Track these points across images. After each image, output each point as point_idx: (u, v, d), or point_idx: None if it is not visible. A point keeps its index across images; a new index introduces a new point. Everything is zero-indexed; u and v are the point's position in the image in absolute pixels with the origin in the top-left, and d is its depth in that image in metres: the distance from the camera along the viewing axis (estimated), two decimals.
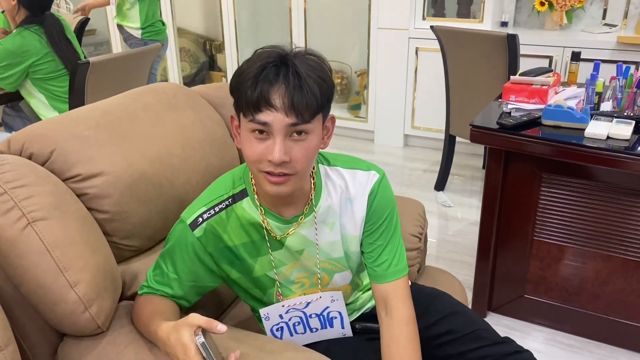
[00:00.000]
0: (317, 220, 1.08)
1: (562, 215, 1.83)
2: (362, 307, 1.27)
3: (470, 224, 2.81)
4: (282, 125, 0.90)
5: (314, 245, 1.10)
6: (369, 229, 1.11)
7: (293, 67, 0.90)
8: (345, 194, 1.09)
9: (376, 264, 1.12)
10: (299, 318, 1.15)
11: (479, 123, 1.80)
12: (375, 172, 1.11)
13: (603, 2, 3.37)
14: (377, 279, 1.12)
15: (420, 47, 3.53)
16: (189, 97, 1.46)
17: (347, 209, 1.09)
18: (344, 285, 1.18)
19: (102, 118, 1.23)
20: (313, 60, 0.94)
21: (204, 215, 1.07)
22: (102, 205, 1.14)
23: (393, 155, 3.75)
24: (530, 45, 3.13)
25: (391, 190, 1.13)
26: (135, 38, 3.31)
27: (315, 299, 1.12)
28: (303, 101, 0.89)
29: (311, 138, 0.94)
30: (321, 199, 1.08)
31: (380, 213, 1.10)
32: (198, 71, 4.95)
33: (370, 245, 1.12)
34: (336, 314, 1.15)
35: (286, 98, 0.89)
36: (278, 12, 4.22)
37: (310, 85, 0.90)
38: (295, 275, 1.13)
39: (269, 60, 0.91)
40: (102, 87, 2.30)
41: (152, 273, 1.12)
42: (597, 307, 1.89)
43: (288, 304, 1.12)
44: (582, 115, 1.69)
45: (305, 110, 0.90)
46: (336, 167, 1.11)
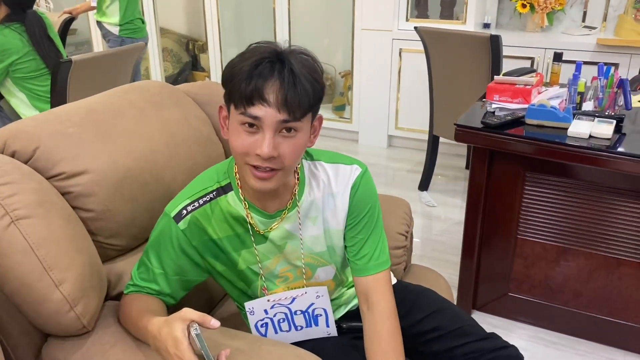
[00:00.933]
0: (300, 214, 1.09)
1: (545, 213, 1.86)
2: (347, 302, 1.27)
3: (454, 223, 2.83)
4: (274, 121, 0.91)
5: (297, 239, 1.10)
6: (351, 222, 1.12)
7: (288, 64, 0.91)
8: (328, 188, 1.10)
9: (358, 257, 1.13)
10: (284, 314, 1.14)
11: (463, 122, 1.82)
12: (358, 166, 1.12)
13: (583, 4, 3.43)
14: (358, 272, 1.13)
15: (403, 48, 3.55)
16: (174, 95, 1.45)
17: (330, 203, 1.10)
18: (327, 280, 1.18)
19: (87, 115, 1.22)
20: (307, 59, 0.95)
21: (188, 207, 1.06)
22: (87, 203, 1.12)
23: (377, 156, 3.76)
24: (512, 46, 3.16)
25: (373, 184, 1.14)
26: (113, 35, 3.29)
27: (301, 294, 1.12)
28: (296, 99, 0.90)
29: (300, 135, 0.95)
30: (304, 193, 1.09)
31: (362, 206, 1.11)
32: (181, 71, 4.92)
33: (352, 238, 1.13)
34: (321, 311, 1.15)
35: (280, 94, 0.89)
36: (262, 12, 4.21)
37: (304, 83, 0.91)
38: (279, 269, 1.13)
39: (265, 56, 0.91)
40: (85, 86, 2.27)
41: (136, 271, 1.11)
42: (580, 304, 1.92)
43: (273, 298, 1.12)
44: (564, 114, 1.71)
45: (298, 108, 0.91)
46: (319, 161, 1.12)
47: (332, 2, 4.26)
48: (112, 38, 3.30)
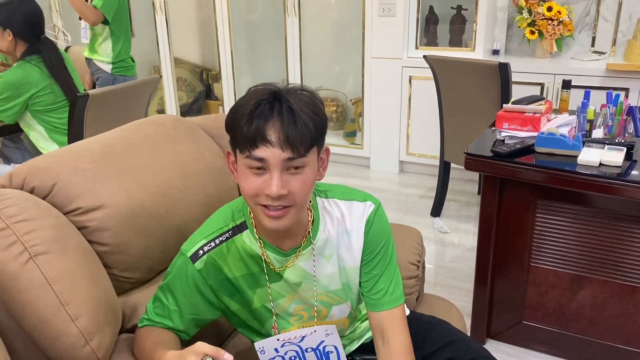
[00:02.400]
0: (315, 252, 1.09)
1: (557, 241, 1.85)
2: (361, 336, 1.27)
3: (467, 249, 2.82)
4: (279, 160, 0.92)
5: (311, 277, 1.11)
6: (366, 258, 1.12)
7: (286, 102, 0.92)
8: (343, 225, 1.10)
9: (372, 292, 1.13)
10: (295, 352, 1.14)
11: (473, 151, 1.83)
12: (371, 203, 1.12)
13: (592, 30, 3.45)
14: (373, 307, 1.13)
15: (413, 76, 3.59)
16: (188, 129, 1.48)
17: (344, 240, 1.11)
18: (342, 318, 1.19)
19: (103, 151, 1.25)
20: (305, 95, 0.97)
21: (205, 247, 1.08)
22: (102, 237, 1.15)
23: (389, 182, 3.77)
24: (521, 72, 3.19)
25: (387, 220, 1.15)
26: (105, 72, 3.33)
27: (310, 332, 1.12)
28: (298, 136, 0.91)
29: (307, 171, 0.96)
30: (319, 231, 1.09)
31: (377, 242, 1.11)
32: (195, 100, 5.00)
33: (367, 274, 1.13)
34: (332, 348, 1.15)
35: (281, 133, 0.91)
36: (274, 41, 4.29)
37: (304, 119, 0.92)
38: (293, 307, 1.14)
39: (263, 97, 0.93)
40: (101, 118, 2.33)
41: (152, 306, 1.13)
42: (595, 332, 1.89)
43: (283, 337, 1.11)
44: (574, 142, 1.72)
45: (300, 144, 0.92)
46: (333, 199, 1.12)
47: (342, 31, 4.33)
48: (104, 76, 3.33)
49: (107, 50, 3.30)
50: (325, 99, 4.39)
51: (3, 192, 1.06)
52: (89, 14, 3.15)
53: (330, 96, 4.40)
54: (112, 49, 3.30)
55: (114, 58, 3.31)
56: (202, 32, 4.99)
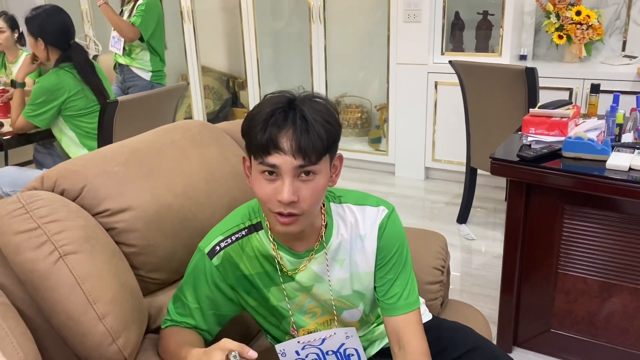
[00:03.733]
0: (328, 256, 1.10)
1: (586, 247, 1.81)
2: (382, 337, 1.27)
3: (494, 257, 2.79)
4: (290, 167, 0.94)
5: (325, 282, 1.12)
6: (380, 263, 1.12)
7: (300, 111, 0.94)
8: (356, 230, 1.11)
9: (387, 297, 1.13)
10: (315, 355, 1.15)
11: (500, 156, 1.81)
12: (384, 208, 1.13)
13: (622, 34, 3.39)
14: (387, 312, 1.13)
15: (439, 81, 3.57)
16: (213, 134, 1.50)
17: (358, 245, 1.11)
18: (353, 322, 1.19)
19: (131, 155, 1.28)
20: (319, 103, 0.98)
21: (221, 243, 1.10)
22: (130, 239, 1.18)
23: (414, 188, 3.75)
24: (549, 77, 3.14)
25: (400, 224, 1.15)
26: (143, 80, 3.44)
27: (330, 335, 1.12)
28: (310, 144, 0.93)
29: (319, 178, 0.97)
30: (332, 235, 1.10)
31: (390, 247, 1.11)
32: (221, 108, 5.07)
33: (381, 279, 1.13)
34: (352, 351, 1.15)
35: (294, 141, 0.93)
36: (299, 49, 4.33)
37: (317, 128, 0.94)
38: (307, 306, 1.15)
39: (278, 106, 0.95)
40: (130, 124, 2.38)
41: (172, 306, 1.15)
42: (626, 341, 1.84)
43: (303, 340, 1.12)
44: (603, 146, 1.69)
45: (312, 152, 0.93)
46: (347, 204, 1.13)
47: (367, 38, 4.34)
48: (141, 84, 3.44)
49: (145, 59, 3.41)
50: (349, 105, 4.40)
51: (35, 193, 1.09)
52: (127, 31, 3.25)
53: (355, 102, 4.41)
54: (149, 59, 3.41)
55: (154, 67, 3.41)
56: (229, 40, 5.06)
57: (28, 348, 0.91)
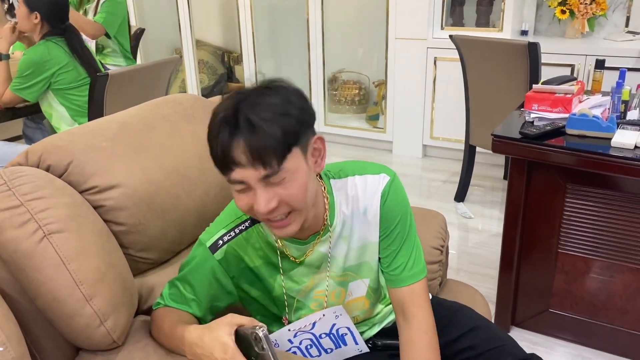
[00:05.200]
0: (333, 236, 1.06)
1: (587, 227, 1.78)
2: (382, 320, 1.24)
3: (492, 235, 2.76)
4: (256, 179, 0.87)
5: (331, 258, 1.08)
6: (383, 233, 1.08)
7: (246, 116, 0.84)
8: (356, 202, 1.06)
9: (391, 268, 1.09)
10: (309, 340, 1.12)
11: (501, 133, 1.76)
12: (386, 175, 1.07)
13: (626, 9, 3.31)
14: (392, 283, 1.10)
15: (438, 57, 3.50)
16: (207, 108, 1.44)
17: (361, 218, 1.07)
18: (361, 297, 1.15)
19: (120, 129, 1.23)
20: (270, 96, 0.87)
21: (225, 237, 1.05)
22: (119, 217, 1.13)
23: (412, 166, 3.71)
24: (551, 53, 3.08)
25: (403, 192, 1.09)
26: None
27: (319, 317, 1.09)
28: (265, 149, 0.84)
29: (294, 177, 0.89)
30: (335, 215, 1.06)
31: (393, 216, 1.07)
32: (216, 83, 4.98)
33: (385, 250, 1.09)
34: (345, 330, 1.12)
35: (247, 152, 0.84)
36: (296, 23, 4.23)
37: (269, 131, 0.84)
38: (313, 292, 1.11)
39: (225, 113, 0.86)
40: (121, 99, 2.32)
41: (168, 291, 1.10)
42: (625, 322, 1.83)
43: (293, 327, 1.09)
44: (608, 124, 1.64)
45: (272, 157, 0.85)
46: (347, 177, 1.08)
47: (366, 12, 4.24)
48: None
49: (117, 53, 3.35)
50: (347, 81, 4.33)
51: (18, 169, 1.04)
52: (87, 28, 3.13)
53: (353, 79, 4.33)
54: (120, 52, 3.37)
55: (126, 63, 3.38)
56: (224, 14, 4.95)
57: (10, 330, 0.87)
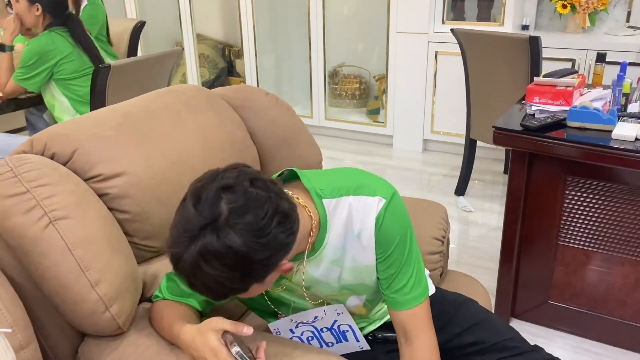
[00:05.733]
0: (323, 259, 1.02)
1: (588, 219, 1.79)
2: (382, 317, 1.24)
3: (492, 229, 2.77)
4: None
5: (321, 283, 1.06)
6: (380, 257, 1.03)
7: (186, 271, 0.83)
8: (349, 225, 1.01)
9: (389, 291, 1.05)
10: (311, 332, 1.12)
11: (502, 125, 1.77)
12: (381, 198, 0.99)
13: (627, 4, 3.32)
14: (392, 306, 1.06)
15: (439, 51, 3.50)
16: (209, 99, 1.45)
17: (354, 242, 1.02)
18: (358, 306, 1.15)
19: (124, 118, 1.23)
20: (216, 249, 0.80)
21: None
22: (123, 205, 1.14)
23: (412, 160, 3.71)
24: (552, 48, 3.08)
25: (402, 212, 1.02)
26: None
27: (321, 313, 1.09)
28: (214, 291, 0.85)
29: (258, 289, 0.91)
30: (326, 236, 1.00)
31: (390, 240, 1.01)
32: (217, 77, 4.98)
33: (383, 272, 1.05)
34: (346, 327, 1.12)
35: (196, 288, 0.86)
36: (297, 17, 4.23)
37: (223, 275, 0.81)
38: (308, 298, 1.10)
39: (180, 242, 0.83)
40: (123, 90, 2.32)
41: (166, 284, 1.09)
42: (625, 314, 1.84)
43: (295, 318, 1.09)
44: (609, 116, 1.65)
45: (220, 296, 0.86)
46: (342, 197, 1.01)
47: (367, 6, 4.24)
48: None
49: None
50: (348, 75, 4.33)
51: (23, 157, 1.05)
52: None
53: (354, 73, 4.34)
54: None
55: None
56: (225, 7, 4.95)
57: (17, 314, 0.88)
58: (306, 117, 4.15)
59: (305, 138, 1.61)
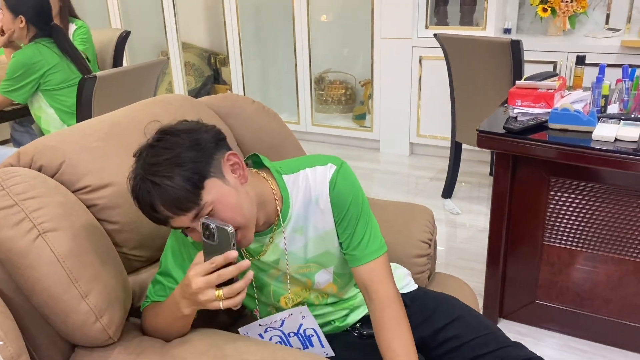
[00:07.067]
0: (288, 230, 1.10)
1: (571, 219, 1.82)
2: (362, 303, 1.26)
3: (479, 230, 2.80)
4: (189, 221, 0.95)
5: (287, 253, 1.12)
6: (337, 218, 1.12)
7: (148, 181, 0.93)
8: (308, 194, 1.11)
9: (349, 249, 1.13)
10: (279, 337, 1.16)
11: (486, 128, 1.80)
12: (332, 164, 1.12)
13: (606, 7, 3.38)
14: (352, 262, 1.13)
15: (423, 56, 3.54)
16: (195, 108, 1.47)
17: (314, 209, 1.11)
18: (328, 284, 1.19)
19: (111, 129, 1.24)
20: (161, 153, 0.94)
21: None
22: (112, 215, 1.14)
23: (399, 164, 3.74)
24: (534, 51, 3.13)
25: (352, 177, 1.13)
26: None
27: (287, 315, 1.13)
28: (178, 201, 0.92)
29: (222, 203, 0.96)
30: (289, 208, 1.10)
31: (343, 201, 1.11)
32: (203, 85, 4.98)
33: (342, 234, 1.13)
34: (311, 331, 1.15)
35: (166, 210, 0.93)
36: (282, 24, 4.25)
37: (171, 184, 0.91)
38: (281, 276, 1.15)
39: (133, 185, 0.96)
40: (109, 101, 2.32)
41: (152, 289, 1.13)
42: (610, 311, 1.87)
43: (264, 322, 1.13)
44: (589, 118, 1.68)
45: (187, 202, 0.93)
46: (299, 171, 1.12)
47: (351, 12, 4.27)
48: None
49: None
50: (333, 81, 4.36)
51: (11, 169, 1.05)
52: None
53: (339, 78, 4.36)
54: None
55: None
56: (210, 15, 4.96)
57: (7, 326, 0.88)
58: (293, 123, 4.17)
59: (292, 144, 1.63)
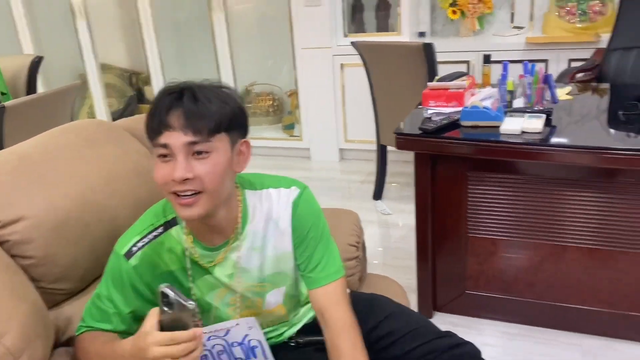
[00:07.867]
0: (244, 247, 1.10)
1: (491, 210, 1.91)
2: (300, 320, 1.28)
3: (411, 229, 2.84)
4: (181, 144, 0.94)
5: (243, 271, 1.11)
6: (296, 240, 1.14)
7: (191, 92, 0.95)
8: (270, 214, 1.12)
9: (306, 271, 1.15)
10: (222, 347, 1.15)
11: (403, 130, 1.87)
12: (296, 187, 1.14)
13: (510, 6, 3.57)
14: (309, 285, 1.15)
15: (345, 63, 3.61)
16: (112, 132, 1.44)
17: (272, 229, 1.12)
18: (278, 305, 1.19)
19: (20, 161, 1.20)
20: (215, 87, 0.99)
21: (138, 244, 1.07)
22: (26, 250, 1.11)
23: (330, 170, 3.80)
24: (448, 52, 3.27)
25: (314, 201, 1.16)
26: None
27: (233, 325, 1.12)
28: (199, 120, 0.94)
29: (215, 156, 0.97)
30: (247, 224, 1.10)
31: (304, 224, 1.13)
32: (126, 105, 4.86)
33: (301, 256, 1.15)
34: (256, 342, 1.15)
35: (182, 118, 0.94)
36: (202, 39, 4.22)
37: (207, 105, 0.95)
38: (228, 298, 1.14)
39: (170, 91, 0.96)
40: (22, 130, 2.22)
41: (88, 312, 1.10)
42: (533, 293, 1.97)
43: (208, 330, 1.12)
44: (496, 113, 1.78)
45: (203, 127, 0.94)
46: (263, 189, 1.13)
47: (270, 25, 4.31)
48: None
49: None
50: (260, 93, 4.37)
51: None
52: None
53: (266, 90, 4.38)
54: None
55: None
56: (127, 35, 4.84)
57: None
58: None
59: None
